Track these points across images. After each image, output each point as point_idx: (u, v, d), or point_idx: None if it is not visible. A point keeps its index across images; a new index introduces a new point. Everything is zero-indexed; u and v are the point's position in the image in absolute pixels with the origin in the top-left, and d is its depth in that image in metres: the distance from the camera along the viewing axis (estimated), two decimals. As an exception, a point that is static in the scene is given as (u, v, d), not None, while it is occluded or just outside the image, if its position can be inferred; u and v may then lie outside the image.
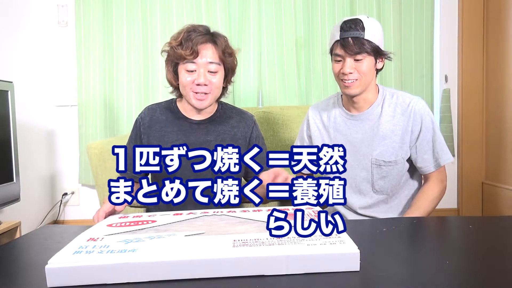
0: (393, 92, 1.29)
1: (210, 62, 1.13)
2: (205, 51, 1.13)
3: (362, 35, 1.16)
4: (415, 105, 1.24)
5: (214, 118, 1.24)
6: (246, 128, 1.28)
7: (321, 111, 1.38)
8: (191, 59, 1.12)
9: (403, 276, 0.68)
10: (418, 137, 1.24)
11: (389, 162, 1.24)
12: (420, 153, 1.25)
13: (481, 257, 0.77)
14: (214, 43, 1.15)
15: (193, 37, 1.12)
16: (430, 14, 2.63)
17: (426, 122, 1.24)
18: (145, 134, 1.22)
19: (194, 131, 1.21)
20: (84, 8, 2.56)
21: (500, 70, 2.45)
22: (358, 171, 1.28)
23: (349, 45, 1.16)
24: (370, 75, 1.21)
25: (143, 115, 1.25)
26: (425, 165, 1.26)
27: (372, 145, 1.26)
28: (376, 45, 1.19)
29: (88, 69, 2.57)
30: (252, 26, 2.58)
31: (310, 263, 0.67)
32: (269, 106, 2.60)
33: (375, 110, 1.27)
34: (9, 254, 0.87)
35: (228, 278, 0.66)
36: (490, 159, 2.60)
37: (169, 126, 1.22)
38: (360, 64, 1.18)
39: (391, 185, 1.27)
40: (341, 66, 1.21)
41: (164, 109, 1.25)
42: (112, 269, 0.65)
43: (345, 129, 1.31)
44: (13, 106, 1.86)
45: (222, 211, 0.98)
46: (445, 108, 2.66)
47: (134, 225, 0.86)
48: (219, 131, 1.23)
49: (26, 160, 2.34)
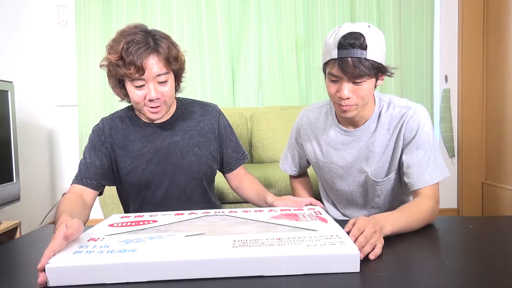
0: (390, 101, 1.15)
1: (158, 75, 1.04)
2: (150, 65, 1.02)
3: (364, 55, 0.98)
4: (410, 117, 1.10)
5: (176, 116, 1.19)
6: (212, 120, 1.22)
7: (313, 121, 1.26)
8: (137, 77, 1.02)
9: (403, 277, 0.68)
10: (408, 150, 1.10)
11: (382, 181, 1.17)
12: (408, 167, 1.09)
13: (481, 257, 0.77)
14: (157, 53, 1.03)
15: (134, 50, 1.00)
16: (430, 14, 2.63)
17: (420, 133, 1.09)
18: (107, 143, 1.14)
19: (158, 135, 1.16)
20: (84, 8, 2.56)
21: (500, 70, 2.45)
22: (354, 187, 1.21)
23: (348, 67, 0.98)
24: (369, 96, 1.06)
25: (100, 125, 1.17)
26: (411, 180, 1.08)
27: (367, 161, 1.16)
28: (378, 64, 1.02)
29: (88, 69, 2.57)
30: (252, 26, 2.58)
31: (309, 264, 0.67)
32: (269, 106, 2.60)
33: (371, 126, 1.15)
34: (9, 254, 0.87)
35: (227, 278, 0.66)
36: (490, 159, 2.60)
37: (132, 135, 1.15)
38: (360, 87, 1.02)
39: (387, 200, 1.21)
40: (337, 88, 1.04)
41: (122, 118, 1.18)
42: (112, 269, 0.66)
43: (338, 144, 1.19)
44: (13, 106, 1.86)
45: (223, 211, 0.98)
46: (445, 108, 2.66)
47: (135, 225, 0.87)
48: (184, 129, 1.18)
49: (26, 160, 2.34)
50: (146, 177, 1.15)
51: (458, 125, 2.69)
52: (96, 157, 1.13)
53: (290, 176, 1.43)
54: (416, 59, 2.63)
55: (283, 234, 0.76)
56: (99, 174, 1.12)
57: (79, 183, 1.10)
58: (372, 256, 0.76)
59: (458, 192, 2.71)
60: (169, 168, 1.16)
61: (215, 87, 2.62)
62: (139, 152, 1.15)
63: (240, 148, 1.30)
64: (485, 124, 2.63)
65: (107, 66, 1.06)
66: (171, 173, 1.16)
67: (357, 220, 0.83)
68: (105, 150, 1.14)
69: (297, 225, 0.83)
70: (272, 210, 0.98)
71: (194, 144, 1.18)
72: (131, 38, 1.02)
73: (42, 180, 2.60)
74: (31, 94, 2.49)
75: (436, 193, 1.07)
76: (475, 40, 2.62)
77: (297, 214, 0.93)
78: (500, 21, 2.45)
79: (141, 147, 1.15)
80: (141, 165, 1.14)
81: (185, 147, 1.17)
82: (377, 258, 0.76)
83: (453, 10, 2.66)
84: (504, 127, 2.42)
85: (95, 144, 1.15)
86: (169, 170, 1.16)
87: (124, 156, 1.15)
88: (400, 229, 0.91)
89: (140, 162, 1.14)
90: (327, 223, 0.84)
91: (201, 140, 1.20)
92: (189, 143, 1.18)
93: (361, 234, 0.78)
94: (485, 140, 2.64)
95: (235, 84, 2.65)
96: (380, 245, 0.79)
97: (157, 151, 1.15)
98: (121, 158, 1.15)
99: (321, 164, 1.24)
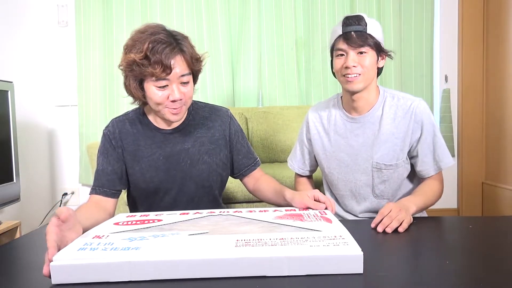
0: (394, 94, 1.27)
1: (182, 75, 1.03)
2: (176, 64, 1.01)
3: (365, 29, 1.16)
4: (416, 107, 1.21)
5: (188, 123, 1.17)
6: (223, 126, 1.20)
7: (321, 114, 1.35)
8: (163, 76, 1.00)
9: (406, 279, 0.68)
10: (419, 139, 1.22)
11: (390, 165, 1.23)
12: (421, 156, 1.22)
13: (481, 257, 0.78)
14: (182, 52, 1.02)
15: (160, 49, 0.98)
16: (430, 14, 2.63)
17: (426, 124, 1.21)
18: (118, 147, 1.13)
19: (169, 142, 1.14)
20: (84, 8, 2.55)
21: (500, 70, 2.45)
22: (359, 175, 1.26)
23: (352, 38, 1.16)
24: (372, 71, 1.20)
25: (110, 128, 1.14)
26: (425, 168, 1.23)
27: (373, 148, 1.24)
28: (378, 41, 1.19)
29: (88, 69, 2.57)
30: (252, 26, 2.58)
31: (312, 265, 0.66)
32: (269, 106, 2.60)
33: (376, 113, 1.24)
34: (9, 254, 0.87)
35: (229, 278, 0.66)
36: (490, 159, 2.60)
37: (142, 140, 1.13)
38: (364, 58, 1.17)
39: (391, 189, 1.26)
40: (343, 61, 1.18)
41: (133, 121, 1.15)
42: (115, 267, 0.66)
43: (346, 132, 1.28)
44: (13, 106, 1.86)
45: (228, 211, 0.98)
46: (445, 108, 2.66)
47: (140, 224, 0.87)
48: (195, 136, 1.16)
49: (26, 160, 2.34)
50: (155, 184, 1.14)
51: (458, 125, 2.69)
52: (108, 163, 1.12)
53: (295, 177, 1.46)
54: (416, 59, 2.63)
55: (286, 234, 0.76)
56: (112, 181, 1.11)
57: (94, 193, 1.11)
58: (401, 229, 0.93)
59: (458, 192, 2.72)
60: (178, 175, 1.15)
61: (215, 87, 2.62)
62: (149, 158, 1.13)
63: (251, 154, 1.26)
64: (485, 124, 2.63)
65: (129, 66, 1.02)
66: (180, 180, 1.15)
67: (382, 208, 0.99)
68: (117, 155, 1.13)
69: (301, 226, 0.82)
70: (277, 210, 0.98)
71: (204, 152, 1.16)
72: (156, 37, 1.00)
73: (42, 180, 2.60)
74: (31, 94, 2.48)
75: (442, 175, 1.26)
76: (475, 40, 2.62)
77: (301, 214, 0.94)
78: (500, 21, 2.45)
79: (151, 154, 1.13)
80: (150, 172, 1.13)
81: (195, 155, 1.15)
82: (379, 258, 0.76)
83: (453, 10, 2.66)
84: (504, 127, 2.42)
85: (107, 148, 1.13)
86: (178, 177, 1.15)
87: (133, 162, 1.13)
88: (421, 209, 1.13)
89: (149, 169, 1.13)
90: (331, 223, 0.84)
91: (212, 147, 1.17)
92: (199, 151, 1.16)
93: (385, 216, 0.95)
94: (485, 140, 2.64)
95: (235, 84, 2.65)
96: (407, 221, 0.96)
97: (167, 158, 1.14)
98: (130, 164, 1.14)
99: (329, 154, 1.31)
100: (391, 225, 0.94)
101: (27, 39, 2.47)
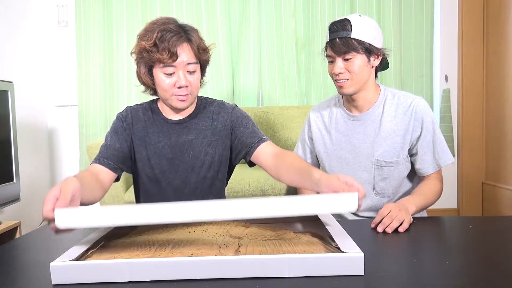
0: (394, 92, 1.28)
1: (188, 63, 1.10)
2: (182, 52, 1.08)
3: (349, 35, 1.17)
4: (417, 105, 1.23)
5: (194, 115, 1.22)
6: (225, 116, 1.22)
7: (322, 112, 1.37)
8: (170, 63, 1.08)
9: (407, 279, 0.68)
10: (419, 137, 1.23)
11: (391, 162, 1.24)
12: (420, 154, 1.24)
13: (481, 257, 0.78)
14: (189, 41, 1.10)
15: (168, 37, 1.06)
16: (430, 14, 2.63)
17: (427, 122, 1.23)
18: (128, 129, 1.19)
19: (174, 132, 1.19)
20: (84, 8, 2.55)
21: (500, 70, 2.45)
22: (360, 173, 1.27)
23: (337, 46, 1.18)
24: (362, 73, 1.21)
25: (124, 113, 1.22)
26: (424, 166, 1.24)
27: (373, 146, 1.25)
28: (367, 43, 1.18)
29: (88, 69, 2.56)
30: (252, 26, 2.58)
31: (312, 266, 0.66)
32: (269, 106, 2.60)
33: (377, 111, 1.26)
34: (9, 254, 0.87)
35: (229, 279, 0.66)
36: (490, 159, 2.60)
37: (151, 127, 1.20)
38: (350, 63, 1.19)
39: (392, 186, 1.27)
40: (333, 67, 1.22)
41: (145, 110, 1.23)
42: (115, 268, 0.66)
43: (347, 130, 1.30)
44: (13, 106, 1.86)
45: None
46: (445, 108, 2.66)
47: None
48: (199, 128, 1.20)
49: (26, 160, 2.34)
50: (158, 171, 1.17)
51: (458, 125, 2.69)
52: (117, 140, 1.16)
53: None
54: (416, 59, 2.63)
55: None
56: (117, 156, 1.14)
57: (96, 162, 1.12)
58: (401, 229, 0.95)
59: (458, 192, 2.72)
60: (181, 166, 1.17)
61: (215, 87, 2.62)
62: (155, 145, 1.18)
63: (255, 134, 1.18)
64: (485, 124, 2.63)
65: (140, 53, 1.10)
66: (183, 171, 1.18)
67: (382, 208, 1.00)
68: (126, 136, 1.18)
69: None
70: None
71: (207, 144, 1.19)
72: (165, 27, 1.08)
73: (42, 180, 2.60)
74: (31, 94, 2.48)
75: (441, 174, 1.27)
76: (475, 40, 2.62)
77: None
78: (500, 21, 2.45)
79: (157, 141, 1.18)
80: (155, 158, 1.17)
81: (198, 147, 1.18)
82: (380, 259, 0.76)
83: (453, 10, 2.66)
84: (504, 127, 2.42)
85: (117, 128, 1.19)
86: (181, 168, 1.17)
87: (141, 147, 1.18)
88: (420, 209, 1.14)
89: (154, 155, 1.17)
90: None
91: (214, 139, 1.19)
92: (202, 143, 1.18)
93: (385, 216, 0.96)
94: (485, 140, 2.64)
95: (235, 84, 2.65)
96: (407, 220, 0.97)
97: (171, 148, 1.17)
98: (137, 148, 1.18)
99: (330, 152, 1.33)
100: (391, 225, 0.94)
101: (27, 39, 2.47)
